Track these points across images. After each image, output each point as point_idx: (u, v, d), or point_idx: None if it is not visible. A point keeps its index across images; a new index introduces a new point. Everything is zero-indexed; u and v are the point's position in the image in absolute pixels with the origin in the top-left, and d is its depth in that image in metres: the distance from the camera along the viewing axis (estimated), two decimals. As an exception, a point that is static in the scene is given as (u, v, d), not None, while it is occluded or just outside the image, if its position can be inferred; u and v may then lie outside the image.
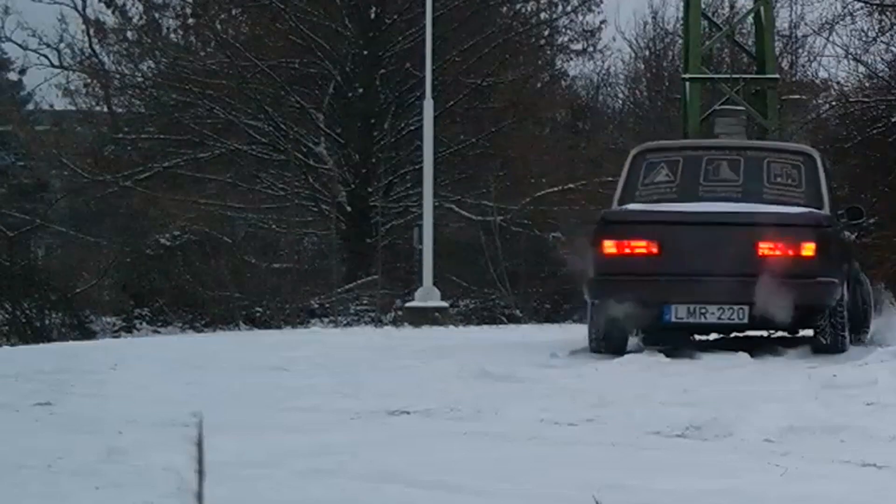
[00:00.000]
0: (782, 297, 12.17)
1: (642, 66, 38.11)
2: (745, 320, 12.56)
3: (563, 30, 35.78)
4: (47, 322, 29.91)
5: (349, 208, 29.38)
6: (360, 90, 29.50)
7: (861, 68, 26.72)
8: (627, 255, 12.95)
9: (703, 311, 12.56)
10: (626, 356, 12.64)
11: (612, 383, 10.75)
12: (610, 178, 30.56)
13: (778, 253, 12.40)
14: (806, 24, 31.79)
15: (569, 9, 34.62)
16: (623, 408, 9.31)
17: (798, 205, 13.12)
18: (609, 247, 13.01)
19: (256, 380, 11.44)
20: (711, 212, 12.91)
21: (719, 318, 12.62)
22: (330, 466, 7.07)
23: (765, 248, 12.40)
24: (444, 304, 23.08)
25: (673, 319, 12.70)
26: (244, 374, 11.82)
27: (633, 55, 38.23)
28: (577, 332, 15.95)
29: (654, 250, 12.89)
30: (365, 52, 29.33)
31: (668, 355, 12.27)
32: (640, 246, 12.97)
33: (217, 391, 10.65)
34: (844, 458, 7.34)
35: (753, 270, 12.27)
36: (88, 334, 28.59)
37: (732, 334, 14.21)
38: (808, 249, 12.45)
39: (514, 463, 7.27)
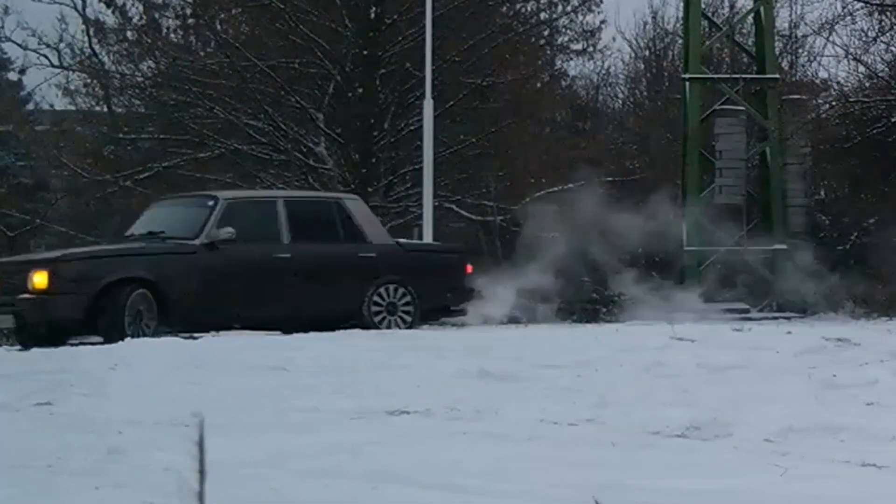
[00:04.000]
0: None
1: (642, 66, 38.09)
2: None
3: (563, 30, 35.81)
4: (47, 322, 29.86)
5: (349, 208, 29.38)
6: (360, 90, 29.46)
7: (861, 68, 26.75)
8: None
9: None
10: (625, 355, 12.64)
11: (612, 383, 10.75)
12: (610, 178, 30.62)
13: None
14: (806, 24, 31.84)
15: (569, 9, 34.63)
16: (623, 408, 9.31)
17: None
18: None
19: (256, 380, 11.44)
20: None
21: None
22: (330, 466, 7.07)
23: None
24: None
25: None
26: (244, 374, 11.82)
27: (633, 55, 38.22)
28: (580, 331, 15.94)
29: None
30: (365, 52, 29.30)
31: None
32: None
33: (217, 391, 10.66)
34: (844, 458, 7.34)
35: None
36: (88, 334, 28.53)
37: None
38: None
39: (514, 463, 7.27)
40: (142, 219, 18.89)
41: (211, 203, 17.70)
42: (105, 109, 34.14)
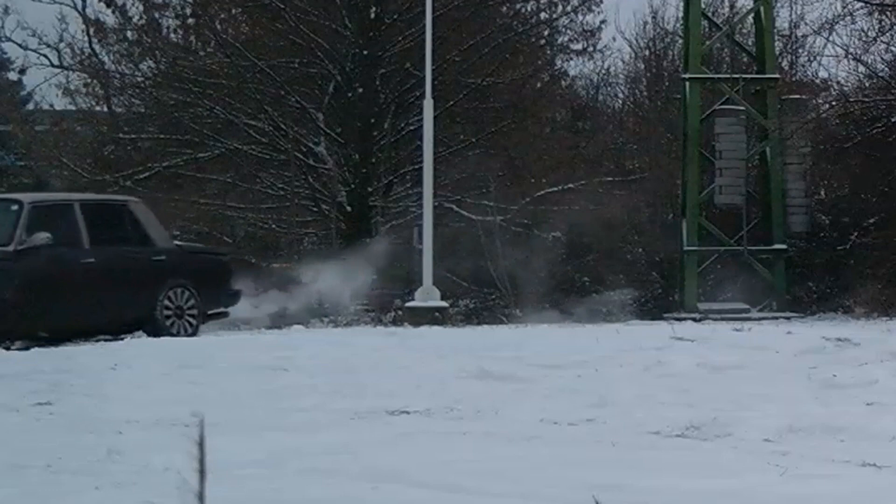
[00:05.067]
0: None
1: (642, 66, 38.02)
2: None
3: (563, 30, 35.76)
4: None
5: (349, 208, 29.34)
6: (360, 90, 29.44)
7: (861, 68, 26.67)
8: None
9: None
10: (625, 355, 12.65)
11: (612, 383, 10.75)
12: (610, 178, 30.62)
13: None
14: (806, 23, 31.67)
15: (569, 9, 34.59)
16: (623, 408, 9.31)
17: None
18: None
19: (256, 380, 11.45)
20: None
21: None
22: (330, 466, 7.07)
23: None
24: (444, 304, 23.09)
25: None
26: (244, 374, 11.82)
27: (632, 55, 38.14)
28: (580, 331, 15.94)
29: None
30: (365, 52, 29.28)
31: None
32: None
33: (217, 391, 10.66)
34: (844, 458, 7.34)
35: None
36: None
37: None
38: None
39: (513, 463, 7.27)
40: None
41: (15, 207, 17.16)
42: (105, 109, 34.11)
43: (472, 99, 29.91)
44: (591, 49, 35.54)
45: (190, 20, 33.84)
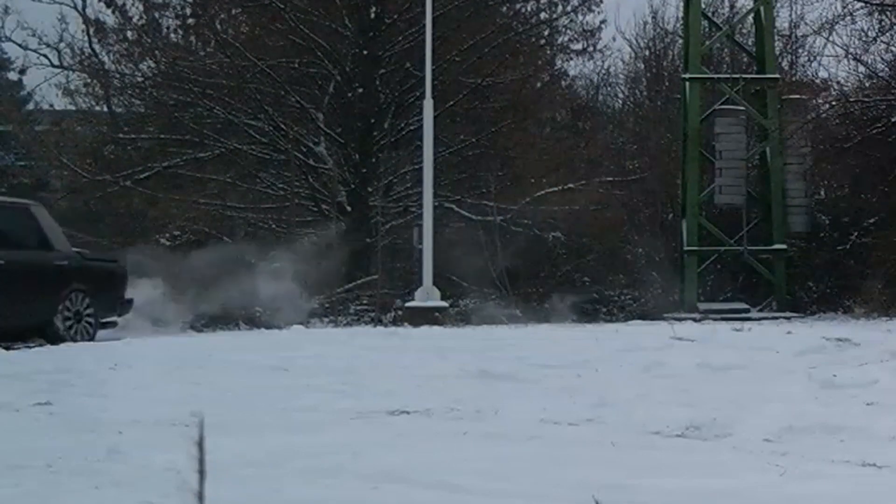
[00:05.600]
0: None
1: (642, 66, 38.03)
2: None
3: (563, 29, 35.77)
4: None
5: (349, 208, 29.35)
6: (360, 90, 29.44)
7: (861, 68, 26.70)
8: None
9: None
10: (625, 355, 12.65)
11: (611, 383, 10.75)
12: (610, 179, 30.62)
13: None
14: (806, 23, 31.71)
15: (569, 8, 34.62)
16: (623, 408, 9.31)
17: None
18: None
19: (256, 380, 11.45)
20: None
21: None
22: (330, 466, 7.07)
23: None
24: (444, 304, 23.10)
25: None
26: (244, 374, 11.82)
27: (632, 55, 38.15)
28: (580, 332, 15.95)
29: None
30: (365, 52, 29.28)
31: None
32: None
33: (217, 391, 10.66)
34: (844, 458, 7.34)
35: None
36: (88, 334, 28.51)
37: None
38: None
39: (514, 463, 7.27)
40: None
41: None
42: (105, 109, 34.12)
43: (472, 99, 29.91)
44: (591, 49, 35.57)
45: (190, 20, 33.85)
